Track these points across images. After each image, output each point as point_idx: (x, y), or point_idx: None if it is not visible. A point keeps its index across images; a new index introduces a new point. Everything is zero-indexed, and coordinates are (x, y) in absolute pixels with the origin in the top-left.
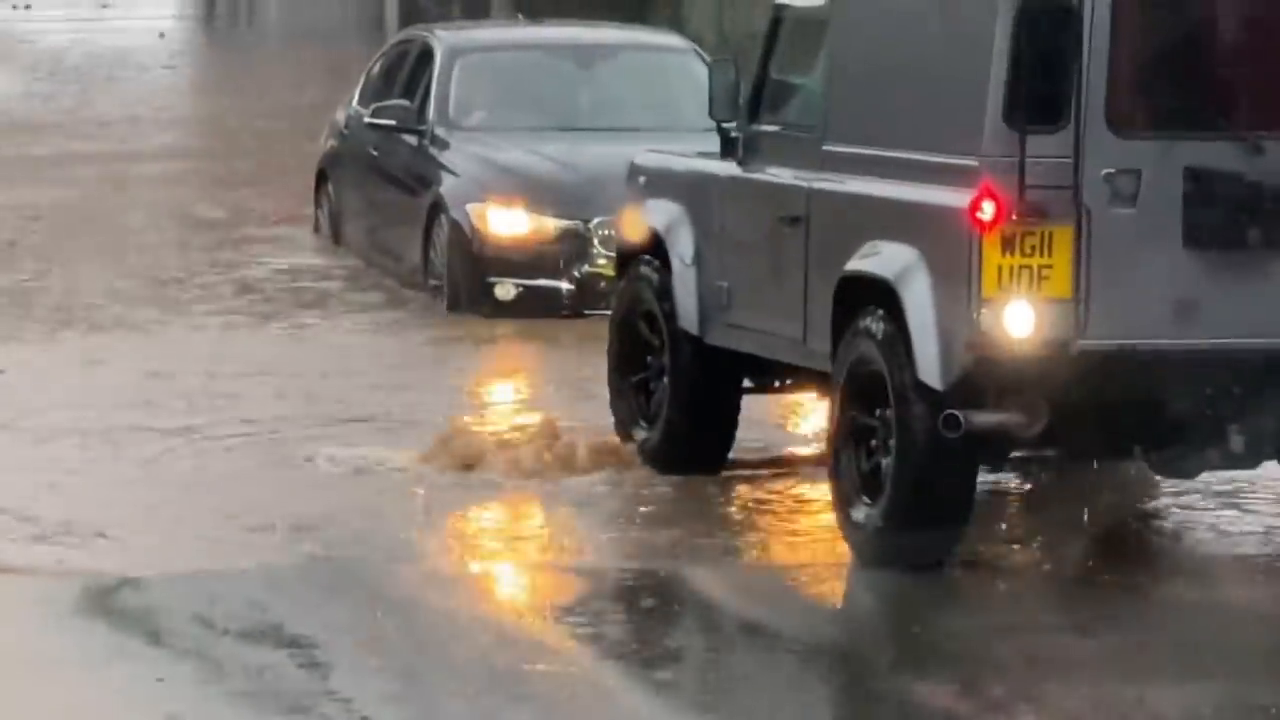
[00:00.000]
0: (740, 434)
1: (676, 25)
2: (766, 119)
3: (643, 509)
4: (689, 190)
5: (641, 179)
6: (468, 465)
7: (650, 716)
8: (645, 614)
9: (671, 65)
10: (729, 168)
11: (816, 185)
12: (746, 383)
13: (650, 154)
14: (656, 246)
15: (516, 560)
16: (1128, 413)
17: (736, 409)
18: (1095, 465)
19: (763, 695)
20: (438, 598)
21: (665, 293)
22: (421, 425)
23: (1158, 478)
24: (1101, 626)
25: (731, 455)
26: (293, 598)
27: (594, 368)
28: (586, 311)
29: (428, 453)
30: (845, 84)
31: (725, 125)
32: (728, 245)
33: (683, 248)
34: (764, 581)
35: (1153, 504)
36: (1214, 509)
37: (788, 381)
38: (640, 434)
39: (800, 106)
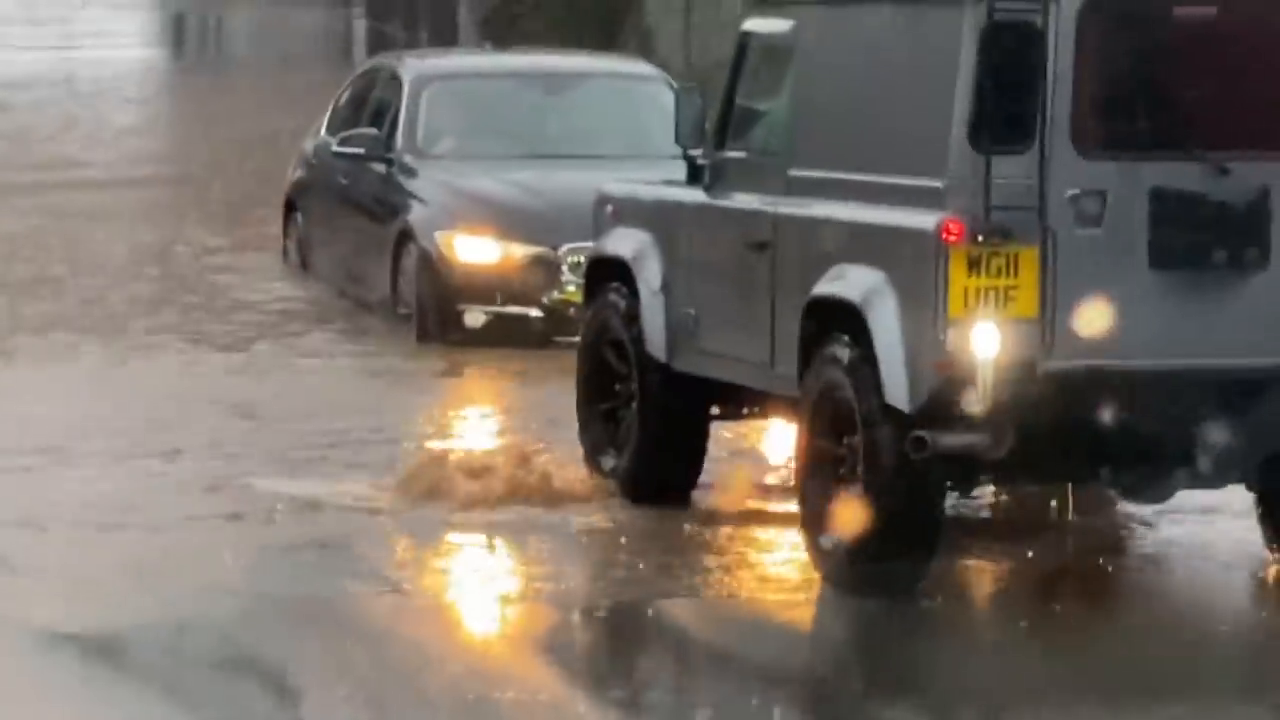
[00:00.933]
0: (710, 460)
1: (644, 53)
2: (733, 145)
3: (612, 538)
4: (656, 218)
5: (609, 207)
6: (438, 495)
7: None
8: (615, 643)
9: (640, 93)
10: (696, 195)
11: (783, 210)
12: (715, 409)
13: (617, 182)
14: (624, 274)
15: (486, 590)
16: (1094, 434)
17: (705, 435)
18: (1063, 488)
19: None
20: (407, 628)
21: (633, 320)
22: (391, 455)
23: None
24: (1071, 651)
25: (701, 481)
26: (262, 628)
27: (563, 395)
28: (556, 339)
29: (398, 483)
30: (811, 109)
31: (692, 152)
32: (695, 272)
33: (650, 275)
34: (733, 610)
35: (1120, 526)
36: (1182, 531)
37: (756, 408)
38: (609, 461)
39: (766, 132)
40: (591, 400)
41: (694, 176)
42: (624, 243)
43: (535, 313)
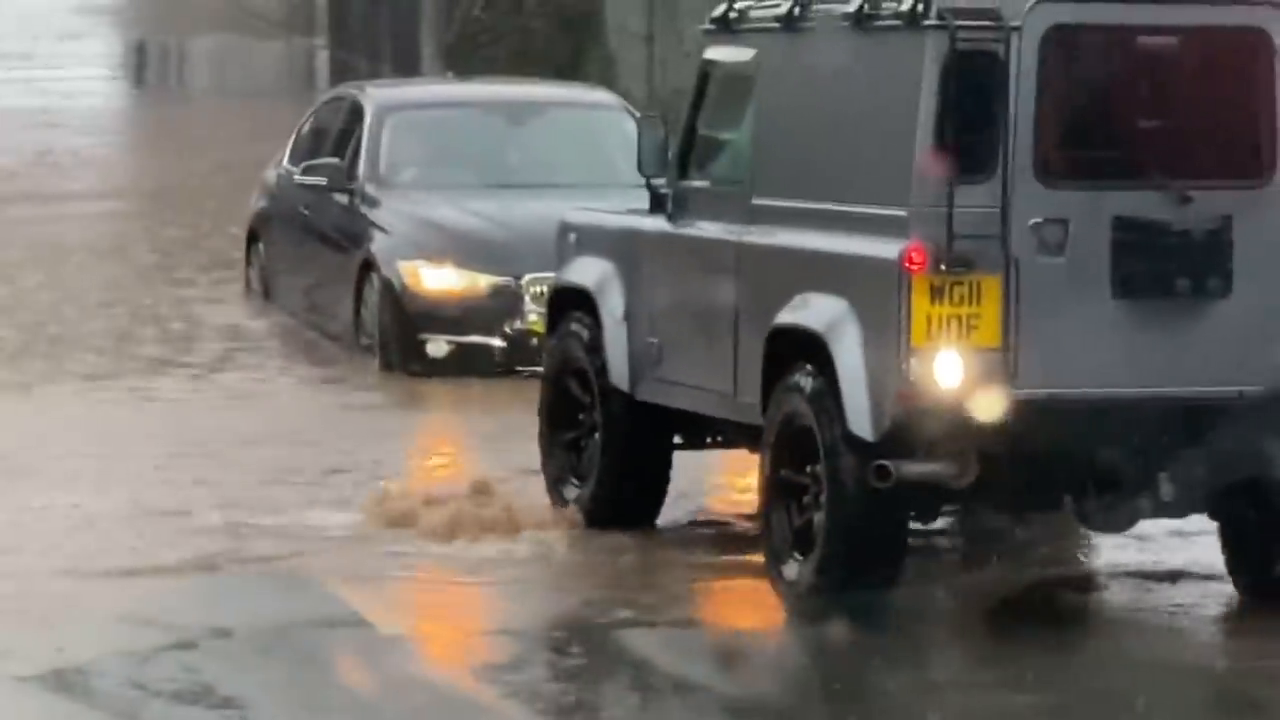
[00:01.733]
0: (672, 490)
1: (607, 82)
2: (695, 174)
3: (575, 568)
4: (619, 247)
5: (571, 236)
6: (401, 525)
7: None
8: (578, 673)
9: (602, 122)
10: (658, 223)
11: (745, 239)
12: (678, 439)
13: (580, 211)
14: (587, 303)
15: (449, 621)
16: (1058, 462)
17: (668, 465)
18: (1025, 517)
19: None
20: (370, 659)
21: (596, 350)
22: (354, 486)
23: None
24: (1035, 681)
25: (664, 512)
26: (225, 659)
27: (525, 425)
28: (519, 368)
29: (361, 513)
30: (773, 138)
31: (654, 181)
32: (658, 301)
33: (613, 304)
34: (696, 639)
35: (1084, 556)
36: (1147, 558)
37: (719, 437)
38: (572, 491)
39: (728, 161)
40: (554, 430)
41: (656, 205)
42: (586, 272)
43: (498, 342)
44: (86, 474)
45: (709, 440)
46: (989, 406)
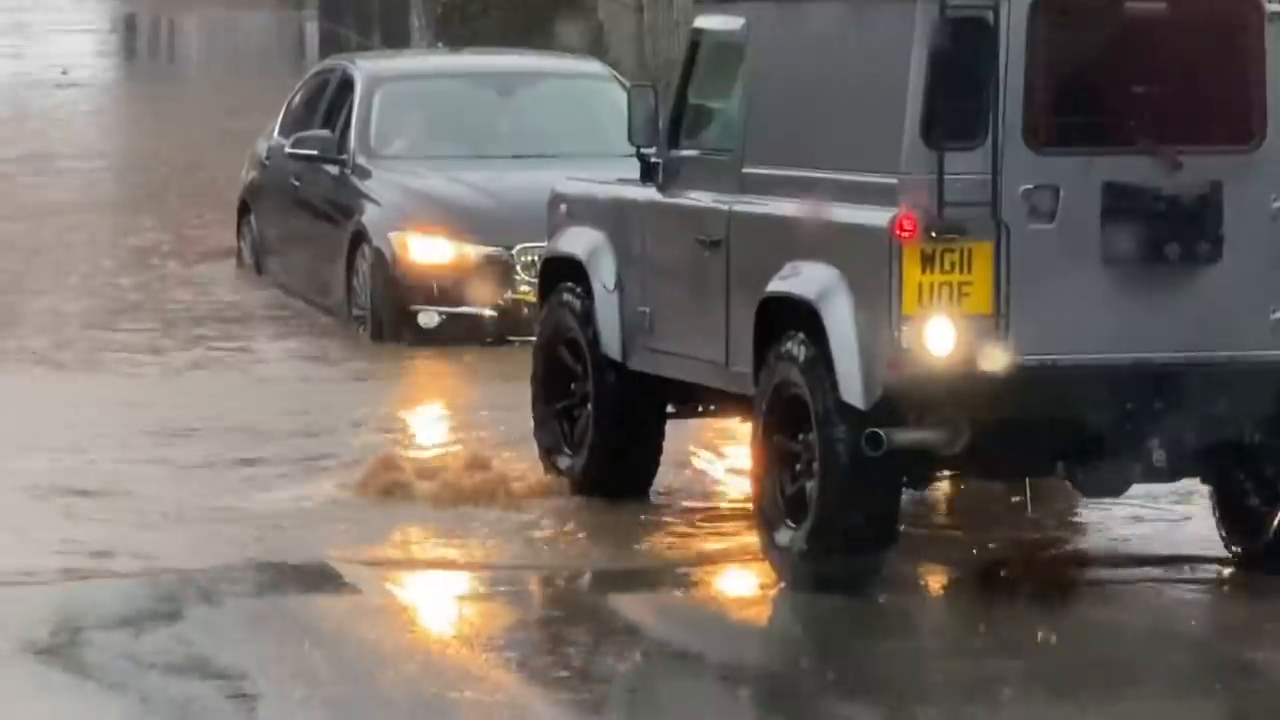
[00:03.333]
0: (664, 458)
1: (597, 52)
2: (686, 144)
3: (568, 537)
4: (610, 216)
5: (562, 206)
6: (394, 496)
7: None
8: (571, 641)
9: (591, 92)
10: (649, 193)
11: (736, 208)
12: (670, 408)
13: (571, 181)
14: (578, 273)
15: (442, 589)
16: (1050, 428)
17: (661, 434)
18: (1017, 484)
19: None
20: (364, 628)
21: (588, 319)
22: (346, 455)
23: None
24: (1028, 647)
25: (656, 481)
26: (219, 630)
27: (517, 395)
28: (510, 338)
29: (354, 484)
30: (763, 106)
31: (645, 151)
32: (649, 271)
33: (604, 274)
34: (689, 607)
35: (1076, 522)
36: (1141, 526)
37: (711, 406)
38: (565, 461)
39: (719, 130)
40: (547, 400)
41: (647, 175)
42: (577, 242)
43: (489, 313)
44: (73, 446)
45: (701, 409)
46: (990, 365)
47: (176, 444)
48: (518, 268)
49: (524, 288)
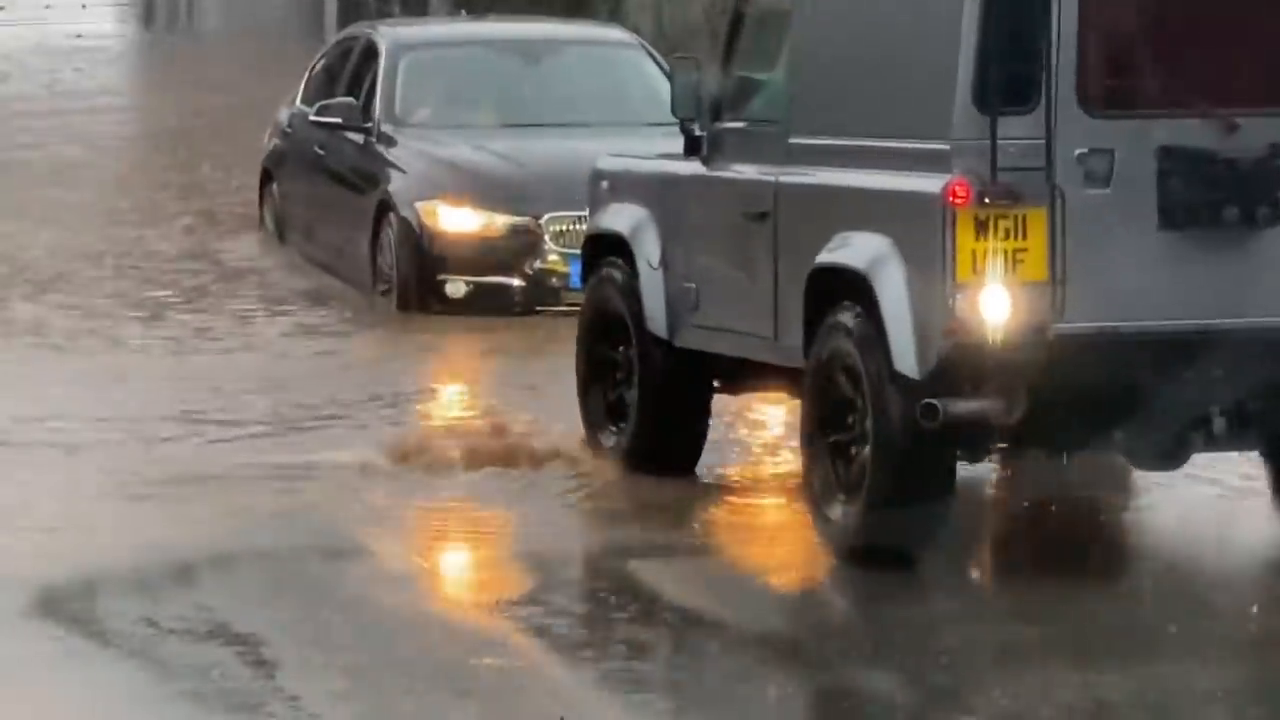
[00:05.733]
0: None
1: (616, 18)
2: (730, 115)
3: (594, 504)
4: (653, 192)
5: (604, 182)
6: (419, 462)
7: (597, 709)
8: (592, 608)
9: (618, 60)
10: (693, 167)
11: (783, 179)
12: (716, 383)
13: (612, 156)
14: (622, 250)
15: (462, 556)
16: (1107, 398)
17: (707, 411)
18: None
19: (710, 687)
20: (384, 594)
21: (632, 296)
22: (369, 424)
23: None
24: (1047, 613)
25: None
26: (239, 597)
27: (544, 363)
28: (538, 308)
29: (379, 450)
30: (809, 74)
31: (688, 124)
32: (695, 246)
33: (649, 250)
34: (715, 576)
35: (1129, 492)
36: (1191, 497)
37: (760, 381)
38: (610, 439)
39: (764, 100)
40: (591, 378)
41: (691, 148)
42: (620, 218)
43: (517, 282)
44: (98, 414)
45: (749, 384)
46: (1045, 332)
47: (189, 408)
48: (546, 237)
49: (553, 257)
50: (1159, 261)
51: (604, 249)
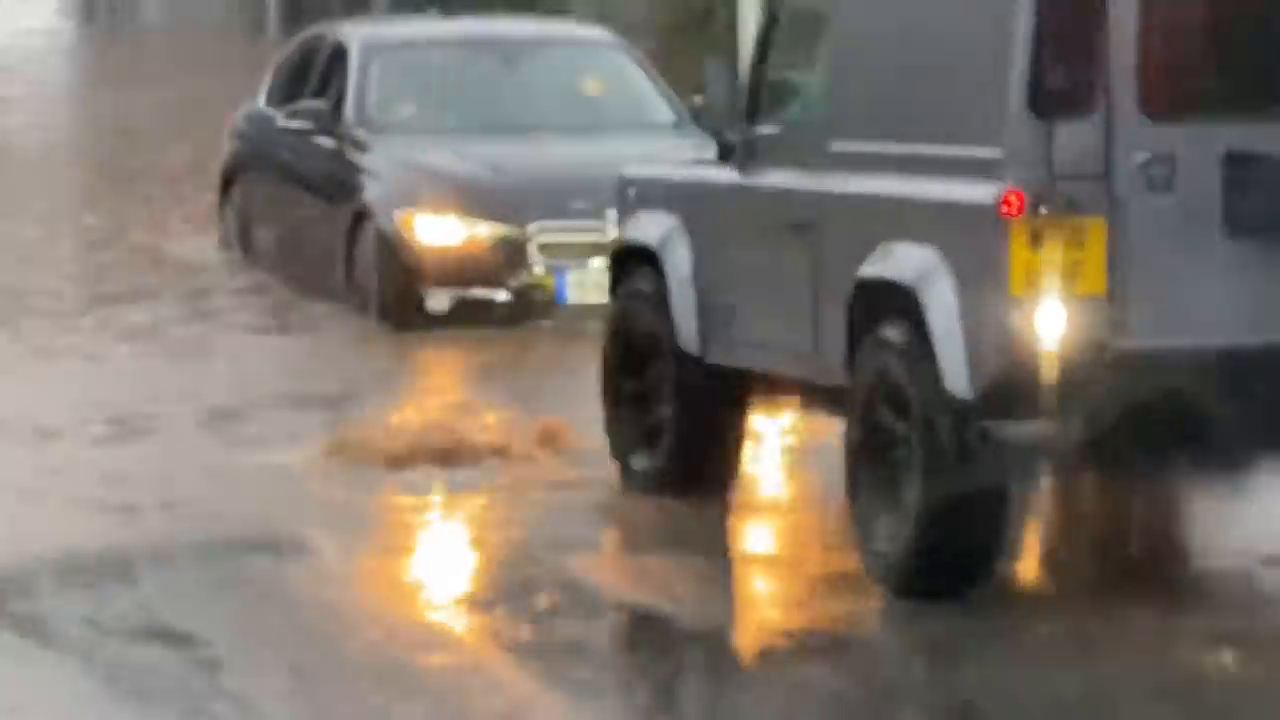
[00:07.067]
0: None
1: (558, 11)
2: (766, 120)
3: (536, 501)
4: (684, 201)
5: (631, 191)
6: (359, 460)
7: (542, 707)
8: (539, 606)
9: (599, 60)
10: (727, 174)
11: (824, 187)
12: (753, 401)
13: (640, 164)
14: (651, 262)
15: (407, 554)
16: (1170, 419)
17: (743, 430)
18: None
19: (655, 684)
20: (328, 593)
21: (663, 310)
22: (313, 422)
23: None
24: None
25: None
26: (182, 596)
27: (506, 370)
28: (524, 322)
29: (320, 448)
30: (851, 76)
31: (721, 129)
32: (728, 257)
33: (679, 263)
34: (659, 572)
35: (1193, 521)
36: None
37: (798, 399)
38: (640, 461)
39: (803, 104)
40: (619, 398)
41: (724, 155)
42: (649, 228)
43: (502, 296)
44: (49, 420)
45: (787, 402)
46: (1105, 349)
47: (135, 405)
48: (532, 248)
49: (539, 269)
50: (1225, 274)
51: (632, 262)
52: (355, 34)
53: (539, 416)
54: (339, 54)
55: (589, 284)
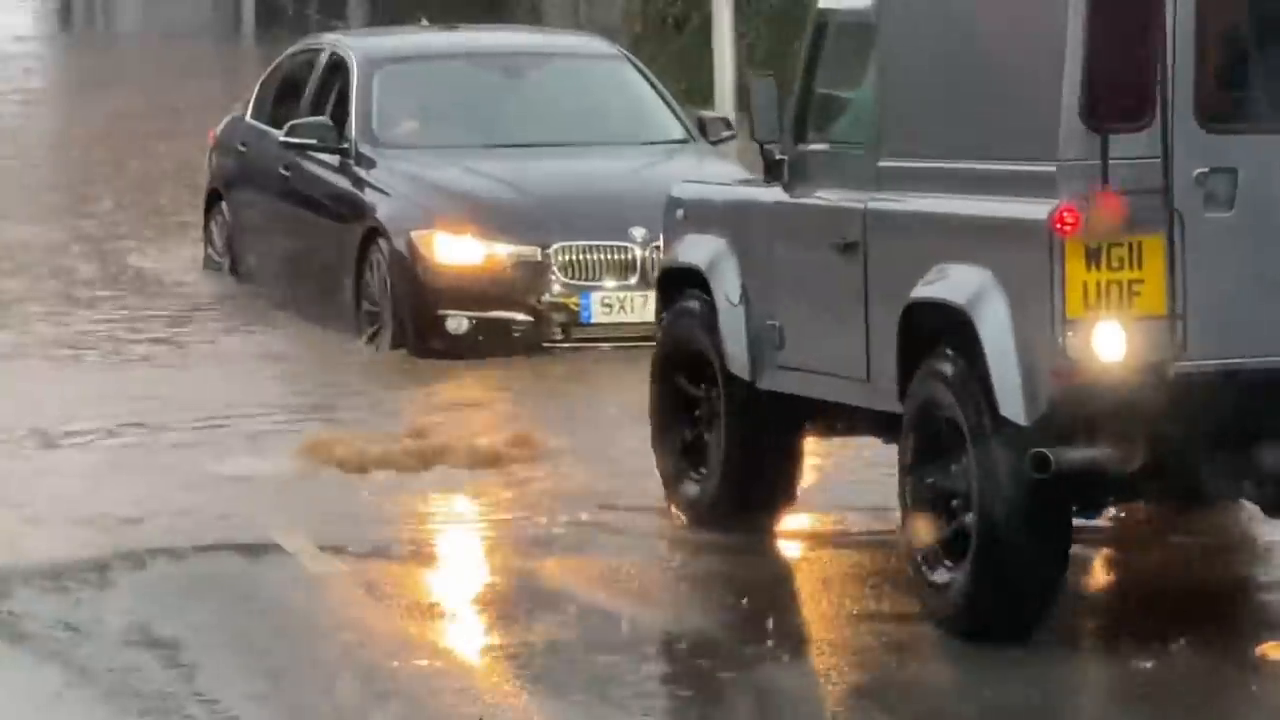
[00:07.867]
0: None
1: (533, 19)
2: (814, 137)
3: (509, 505)
4: (732, 221)
5: (679, 212)
6: (334, 465)
7: (516, 710)
8: (511, 609)
9: (602, 73)
10: (774, 193)
11: (873, 206)
12: (806, 427)
13: (687, 184)
14: (700, 284)
15: (381, 558)
16: (1234, 442)
17: (798, 456)
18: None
19: (629, 686)
20: (303, 597)
21: (712, 334)
22: (290, 429)
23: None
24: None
25: None
26: (158, 601)
27: (509, 386)
28: (545, 345)
29: (296, 454)
30: (899, 92)
31: (769, 147)
32: (777, 279)
33: (728, 285)
34: (628, 577)
35: (1258, 548)
36: None
37: (852, 425)
38: (692, 489)
39: (850, 121)
40: (668, 424)
41: (771, 173)
42: (697, 250)
43: (523, 317)
44: (35, 426)
45: (840, 428)
46: (1166, 372)
47: (115, 411)
48: (554, 269)
49: (558, 289)
50: None
51: (680, 284)
52: (355, 47)
53: (515, 423)
54: (337, 67)
55: (614, 304)
